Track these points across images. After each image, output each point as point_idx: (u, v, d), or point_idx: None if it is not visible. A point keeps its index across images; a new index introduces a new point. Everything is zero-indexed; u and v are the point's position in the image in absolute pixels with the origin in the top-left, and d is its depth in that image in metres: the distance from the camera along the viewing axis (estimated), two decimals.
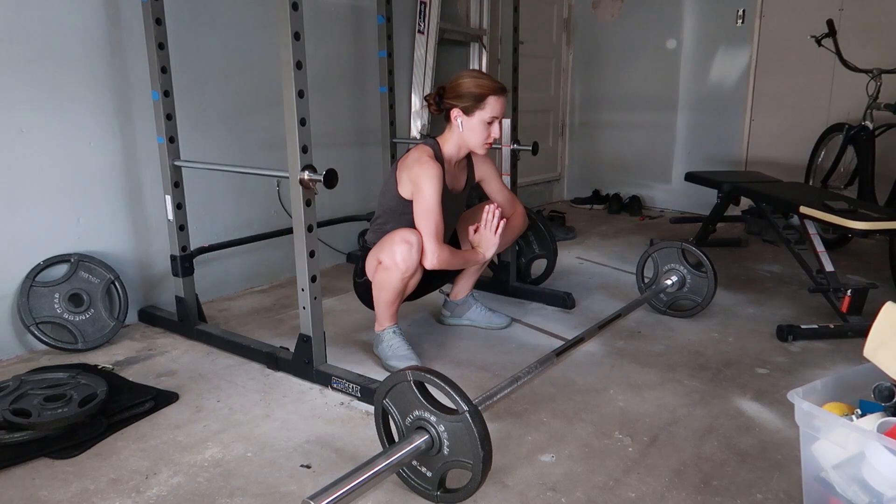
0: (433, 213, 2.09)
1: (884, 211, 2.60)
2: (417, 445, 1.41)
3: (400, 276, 2.09)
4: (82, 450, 1.71)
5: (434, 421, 1.42)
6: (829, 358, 2.30)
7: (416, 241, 2.07)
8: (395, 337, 2.22)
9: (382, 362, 2.23)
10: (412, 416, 1.46)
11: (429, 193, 2.08)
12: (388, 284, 2.13)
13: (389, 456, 1.38)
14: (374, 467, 1.34)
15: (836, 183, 3.84)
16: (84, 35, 2.38)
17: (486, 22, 4.29)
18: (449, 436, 1.40)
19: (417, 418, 1.45)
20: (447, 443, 1.40)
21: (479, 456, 1.35)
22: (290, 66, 1.84)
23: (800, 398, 1.31)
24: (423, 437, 1.42)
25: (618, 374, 2.17)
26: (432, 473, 1.45)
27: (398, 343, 2.21)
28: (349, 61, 3.45)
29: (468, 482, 1.40)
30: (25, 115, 2.26)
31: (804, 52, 4.09)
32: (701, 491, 1.54)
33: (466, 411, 1.36)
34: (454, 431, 1.39)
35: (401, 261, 2.06)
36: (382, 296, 2.17)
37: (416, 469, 1.48)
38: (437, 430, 1.41)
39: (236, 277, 3.07)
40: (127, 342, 2.46)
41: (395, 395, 1.48)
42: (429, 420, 1.42)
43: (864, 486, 1.22)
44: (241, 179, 2.96)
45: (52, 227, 2.38)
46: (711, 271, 2.60)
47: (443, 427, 1.40)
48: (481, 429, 1.35)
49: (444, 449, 1.41)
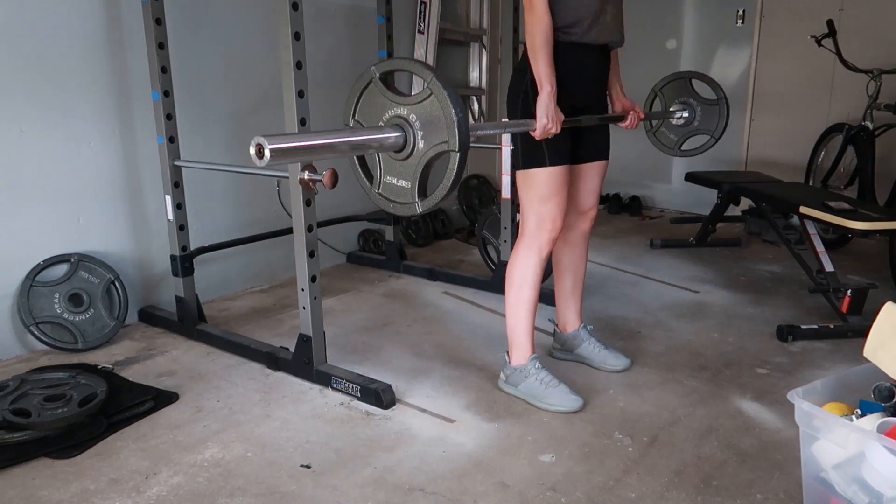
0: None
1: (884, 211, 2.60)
2: (387, 136, 1.31)
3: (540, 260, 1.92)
4: (82, 450, 1.71)
5: (405, 113, 1.31)
6: (829, 358, 2.30)
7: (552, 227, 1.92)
8: (543, 370, 1.98)
9: (534, 403, 1.95)
10: (383, 120, 1.35)
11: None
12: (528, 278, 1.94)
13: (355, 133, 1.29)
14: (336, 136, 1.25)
15: (836, 183, 3.84)
16: (84, 35, 2.38)
17: (486, 22, 4.29)
18: (422, 124, 1.29)
19: (389, 119, 1.34)
20: (420, 133, 1.30)
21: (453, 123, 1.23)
22: (290, 66, 1.84)
23: (800, 398, 1.31)
24: (395, 133, 1.31)
25: (618, 374, 2.17)
26: (410, 182, 1.35)
27: (550, 377, 1.96)
28: (349, 61, 3.45)
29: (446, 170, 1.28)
30: (26, 115, 2.26)
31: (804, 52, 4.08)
32: (701, 491, 1.54)
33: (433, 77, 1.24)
34: (425, 113, 1.28)
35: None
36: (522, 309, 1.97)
37: (392, 186, 1.38)
38: (409, 123, 1.31)
39: (236, 277, 3.07)
40: (127, 342, 2.46)
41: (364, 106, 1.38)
42: (400, 115, 1.31)
43: (863, 486, 1.22)
44: (241, 179, 2.96)
45: (52, 227, 2.38)
46: (724, 100, 2.47)
47: (414, 116, 1.30)
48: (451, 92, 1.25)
49: (418, 142, 1.30)
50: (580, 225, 2.15)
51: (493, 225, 3.14)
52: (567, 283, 2.22)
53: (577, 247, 2.17)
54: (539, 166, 1.89)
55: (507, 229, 2.94)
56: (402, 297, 2.99)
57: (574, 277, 2.21)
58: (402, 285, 3.17)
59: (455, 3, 4.17)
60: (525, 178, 1.93)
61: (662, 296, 2.99)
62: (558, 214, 1.92)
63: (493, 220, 3.15)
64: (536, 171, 1.89)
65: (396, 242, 3.38)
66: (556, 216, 1.92)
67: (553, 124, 1.77)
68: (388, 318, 2.71)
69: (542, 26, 1.77)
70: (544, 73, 1.77)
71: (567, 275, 2.20)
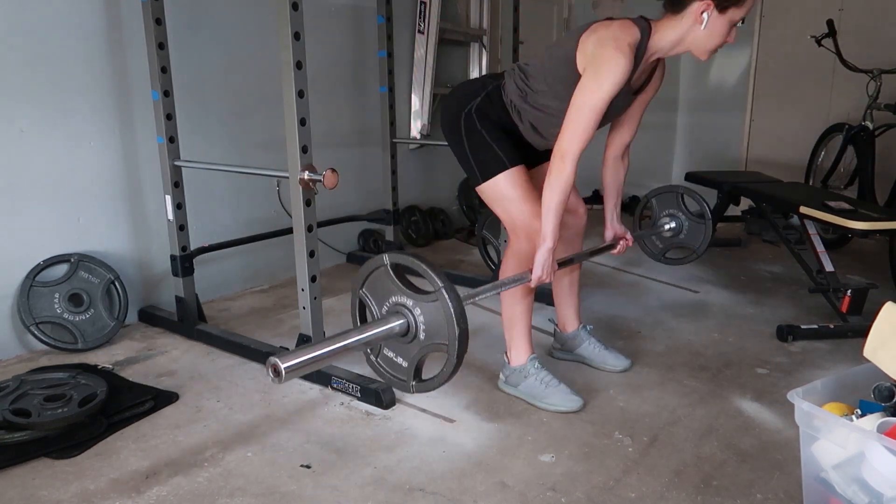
0: (592, 120, 1.69)
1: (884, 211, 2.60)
2: (392, 327, 1.37)
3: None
4: (82, 450, 1.71)
5: (410, 305, 1.37)
6: (829, 358, 2.30)
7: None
8: (542, 369, 1.96)
9: (534, 403, 1.95)
10: (388, 303, 1.42)
11: (607, 90, 1.66)
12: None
13: (362, 332, 1.34)
14: (345, 339, 1.30)
15: (836, 183, 3.84)
16: (84, 35, 2.38)
17: (486, 22, 4.29)
18: (425, 319, 1.35)
19: (394, 304, 1.40)
20: (423, 327, 1.36)
21: (455, 334, 1.30)
22: (290, 66, 1.84)
23: (800, 398, 1.31)
24: (399, 321, 1.38)
25: (618, 374, 2.16)
26: (408, 363, 1.41)
27: (550, 377, 1.95)
28: (349, 61, 3.45)
29: (443, 366, 1.35)
30: (26, 115, 2.26)
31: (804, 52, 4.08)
32: (701, 491, 1.54)
33: (441, 287, 1.31)
34: (430, 312, 1.34)
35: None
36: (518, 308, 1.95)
37: (391, 361, 1.45)
38: (413, 315, 1.37)
39: (236, 277, 3.07)
40: (127, 342, 2.46)
41: (372, 283, 1.44)
42: (405, 304, 1.38)
43: (863, 486, 1.22)
44: (241, 179, 2.96)
45: (52, 226, 2.38)
46: (710, 220, 2.53)
47: (419, 311, 1.36)
48: (457, 306, 1.31)
49: (420, 334, 1.37)
50: (573, 223, 2.14)
51: (493, 225, 3.14)
52: (564, 282, 2.21)
53: (571, 246, 2.15)
54: (500, 172, 1.85)
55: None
56: None
57: (570, 277, 2.20)
58: None
59: (455, 3, 4.17)
60: (491, 190, 1.89)
61: (662, 296, 2.99)
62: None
63: (493, 220, 3.14)
64: (498, 178, 1.86)
65: (396, 243, 3.38)
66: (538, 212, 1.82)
67: (548, 277, 1.77)
68: None
69: (568, 184, 1.73)
70: (551, 231, 1.74)
71: (563, 275, 2.19)
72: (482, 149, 1.87)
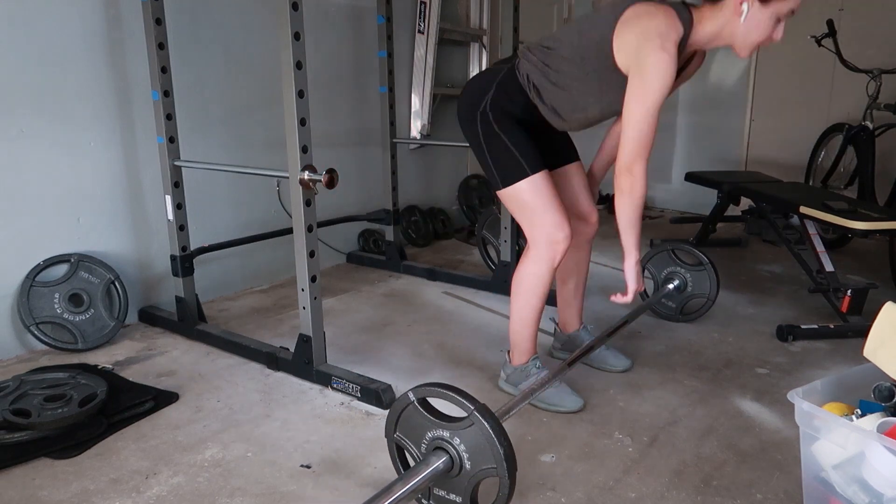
0: (649, 125, 1.64)
1: (884, 211, 2.60)
2: (436, 467, 1.30)
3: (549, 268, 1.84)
4: (82, 450, 1.71)
5: (448, 436, 1.31)
6: (829, 358, 2.30)
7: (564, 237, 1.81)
8: (544, 370, 1.95)
9: (534, 403, 1.93)
10: (426, 440, 1.36)
11: (657, 93, 1.60)
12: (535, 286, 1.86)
13: (407, 481, 1.26)
14: (391, 495, 1.21)
15: (836, 183, 3.84)
16: (84, 35, 2.38)
17: (486, 22, 4.29)
18: (467, 447, 1.30)
19: (432, 440, 1.34)
20: (466, 455, 1.30)
21: (500, 455, 1.25)
22: (290, 66, 1.84)
23: (800, 398, 1.31)
24: (441, 458, 1.31)
25: (618, 374, 2.17)
26: (462, 497, 1.33)
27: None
28: (349, 61, 3.45)
29: (498, 490, 1.28)
30: (25, 115, 2.26)
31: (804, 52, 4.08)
32: (701, 491, 1.54)
33: (473, 410, 1.26)
34: (470, 439, 1.29)
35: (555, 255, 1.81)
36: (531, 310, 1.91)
37: (444, 499, 1.36)
38: (453, 446, 1.31)
39: (236, 277, 3.07)
40: (127, 342, 2.46)
41: (404, 424, 1.38)
42: (443, 437, 1.32)
43: (864, 486, 1.22)
44: (241, 179, 2.96)
45: (52, 227, 2.38)
46: (709, 264, 2.54)
47: (458, 440, 1.30)
48: (494, 424, 1.26)
49: (465, 464, 1.30)
50: (585, 230, 2.12)
51: (493, 225, 3.14)
52: (570, 285, 2.21)
53: (581, 250, 2.15)
54: (521, 178, 1.80)
55: (507, 229, 2.94)
56: (402, 298, 2.99)
57: (577, 280, 2.20)
58: (402, 285, 3.17)
59: (455, 3, 4.17)
60: (512, 197, 1.84)
61: None
62: (563, 219, 1.82)
63: (493, 221, 3.15)
64: (520, 184, 1.80)
65: (396, 242, 3.38)
66: (562, 221, 1.81)
67: (642, 286, 1.88)
68: (388, 318, 2.71)
69: (641, 196, 1.71)
70: (634, 244, 1.78)
71: (571, 278, 2.20)
72: (502, 154, 1.81)
